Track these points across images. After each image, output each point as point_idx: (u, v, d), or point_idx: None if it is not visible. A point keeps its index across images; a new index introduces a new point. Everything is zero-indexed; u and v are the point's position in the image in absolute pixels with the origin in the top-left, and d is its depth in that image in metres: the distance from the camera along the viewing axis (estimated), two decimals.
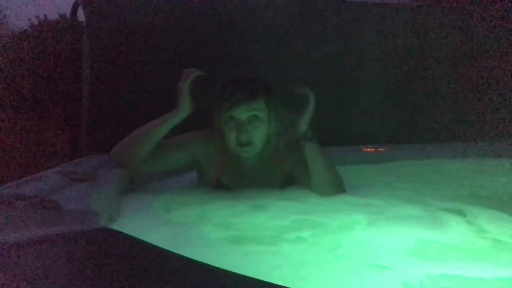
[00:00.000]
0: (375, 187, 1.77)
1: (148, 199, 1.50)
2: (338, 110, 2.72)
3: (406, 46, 2.85)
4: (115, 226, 1.05)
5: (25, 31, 2.78)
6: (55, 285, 0.56)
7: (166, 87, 2.50)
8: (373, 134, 2.78)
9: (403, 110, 2.87)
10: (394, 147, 2.67)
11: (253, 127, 1.52)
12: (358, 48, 2.79)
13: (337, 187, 1.55)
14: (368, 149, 2.59)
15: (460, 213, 1.35)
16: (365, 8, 2.80)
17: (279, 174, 1.68)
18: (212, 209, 1.34)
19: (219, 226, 1.21)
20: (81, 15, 2.47)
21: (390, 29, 2.83)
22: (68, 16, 2.64)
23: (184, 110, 1.55)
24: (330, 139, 2.45)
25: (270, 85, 1.61)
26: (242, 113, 1.51)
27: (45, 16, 2.85)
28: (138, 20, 2.44)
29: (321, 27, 2.72)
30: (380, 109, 2.83)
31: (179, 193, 1.60)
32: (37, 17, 2.81)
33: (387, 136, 2.79)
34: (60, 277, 0.59)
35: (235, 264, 0.86)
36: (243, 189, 1.58)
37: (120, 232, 0.78)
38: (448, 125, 2.92)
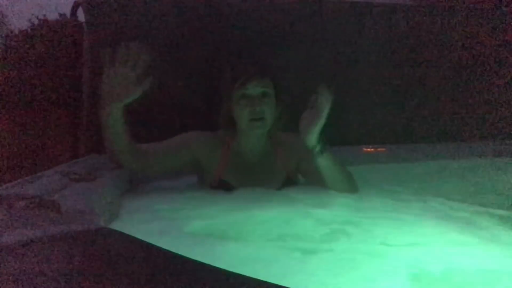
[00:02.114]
0: (375, 188, 1.78)
1: (148, 199, 1.50)
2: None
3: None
4: (115, 226, 1.04)
5: (25, 31, 2.78)
6: (55, 285, 0.56)
7: (166, 87, 2.51)
8: (373, 134, 2.78)
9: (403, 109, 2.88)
10: (394, 147, 2.67)
11: (264, 103, 1.57)
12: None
13: (351, 188, 1.58)
14: (368, 149, 2.60)
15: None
16: (367, 8, 2.80)
17: (281, 171, 1.69)
18: (214, 210, 1.34)
19: (221, 226, 1.21)
20: (81, 15, 2.46)
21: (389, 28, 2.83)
22: (68, 16, 2.64)
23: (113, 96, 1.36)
24: (330, 139, 2.46)
25: (275, 72, 1.67)
26: (255, 88, 1.56)
27: (45, 16, 2.84)
28: (138, 20, 2.44)
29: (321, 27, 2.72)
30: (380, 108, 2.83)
31: (179, 193, 1.60)
32: (37, 17, 2.80)
33: (387, 136, 2.79)
34: (60, 277, 0.59)
35: (235, 265, 0.86)
36: (246, 186, 1.59)
37: (120, 232, 0.78)
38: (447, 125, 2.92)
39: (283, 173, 1.69)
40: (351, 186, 1.59)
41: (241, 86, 1.56)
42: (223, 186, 1.62)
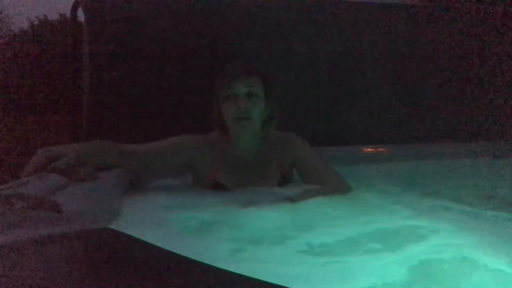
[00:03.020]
0: (375, 188, 1.78)
1: (148, 199, 1.50)
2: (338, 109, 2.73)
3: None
4: (115, 226, 1.04)
5: (25, 31, 2.78)
6: (55, 285, 0.56)
7: (166, 87, 2.52)
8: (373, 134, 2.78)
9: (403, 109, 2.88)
10: (394, 147, 2.67)
11: (251, 102, 1.58)
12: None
13: (341, 193, 1.57)
14: (368, 149, 2.59)
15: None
16: (364, 7, 2.81)
17: (276, 171, 1.69)
18: (214, 211, 1.34)
19: (220, 227, 1.21)
20: (81, 15, 2.47)
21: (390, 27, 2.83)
22: (68, 16, 2.64)
23: None
24: (330, 139, 2.47)
25: (265, 73, 1.67)
26: (241, 88, 1.57)
27: (45, 16, 2.84)
28: (138, 20, 2.44)
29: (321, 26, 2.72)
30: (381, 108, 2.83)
31: (179, 194, 1.60)
32: (37, 17, 2.80)
33: (387, 136, 2.79)
34: (60, 277, 0.59)
35: (235, 266, 0.86)
36: (241, 187, 1.59)
37: (120, 232, 0.78)
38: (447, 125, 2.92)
39: (278, 173, 1.69)
40: (340, 192, 1.57)
41: (227, 85, 1.57)
42: (219, 188, 1.62)
